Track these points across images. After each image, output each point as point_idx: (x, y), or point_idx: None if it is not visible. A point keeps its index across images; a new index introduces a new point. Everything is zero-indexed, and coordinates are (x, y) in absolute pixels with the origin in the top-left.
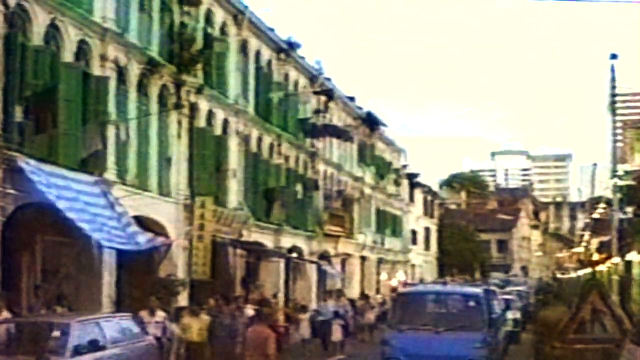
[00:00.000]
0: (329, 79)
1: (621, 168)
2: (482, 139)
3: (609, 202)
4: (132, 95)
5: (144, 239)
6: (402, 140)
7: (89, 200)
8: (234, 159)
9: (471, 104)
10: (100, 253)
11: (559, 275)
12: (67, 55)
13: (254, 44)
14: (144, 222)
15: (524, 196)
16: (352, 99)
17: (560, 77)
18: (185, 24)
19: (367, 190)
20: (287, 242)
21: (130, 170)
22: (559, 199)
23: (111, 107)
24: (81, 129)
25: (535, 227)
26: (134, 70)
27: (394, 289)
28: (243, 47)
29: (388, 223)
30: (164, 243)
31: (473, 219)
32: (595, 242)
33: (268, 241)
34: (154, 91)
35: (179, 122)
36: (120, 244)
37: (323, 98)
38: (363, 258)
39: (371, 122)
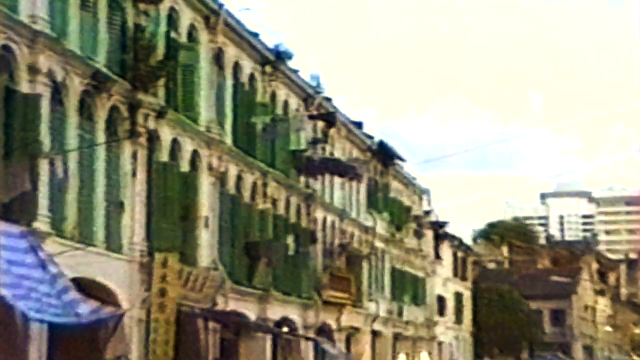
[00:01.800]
0: (329, 99)
1: None
2: (529, 176)
3: None
4: (72, 119)
5: (86, 309)
6: (426, 179)
7: (12, 257)
8: (206, 203)
9: (513, 130)
10: (27, 327)
11: (636, 358)
12: None
13: (231, 53)
14: (86, 287)
15: (586, 252)
16: (359, 124)
17: (634, 96)
18: (141, 27)
19: (380, 244)
20: (275, 312)
21: (68, 218)
22: (632, 256)
23: (44, 135)
24: (3, 163)
25: (601, 292)
26: (75, 87)
27: None
28: (217, 58)
29: (407, 287)
30: (112, 314)
31: (518, 282)
32: None
33: (250, 311)
34: (100, 115)
35: (134, 155)
36: (53, 315)
37: (322, 124)
38: (375, 333)
39: (385, 154)
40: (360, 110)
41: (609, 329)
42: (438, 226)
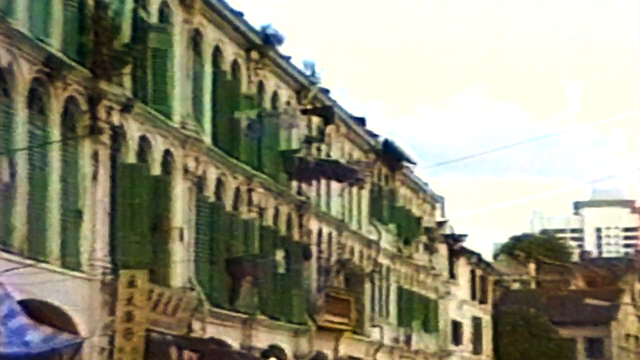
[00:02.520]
0: (326, 91)
1: None
2: (561, 182)
3: None
4: (21, 113)
5: (37, 336)
6: (439, 184)
7: None
8: (181, 212)
9: (543, 127)
10: None
11: None
12: None
13: (211, 36)
14: (38, 310)
15: (627, 270)
16: (362, 121)
17: None
18: (103, 3)
19: (385, 261)
20: (261, 340)
21: (17, 229)
22: None
23: None
24: None
25: None
26: (23, 75)
27: None
28: (194, 42)
29: (416, 311)
30: (69, 342)
31: (547, 306)
32: None
33: (232, 339)
34: (55, 107)
35: (95, 156)
36: None
37: (317, 120)
38: None
39: (391, 156)
40: (363, 105)
41: None
42: (453, 240)
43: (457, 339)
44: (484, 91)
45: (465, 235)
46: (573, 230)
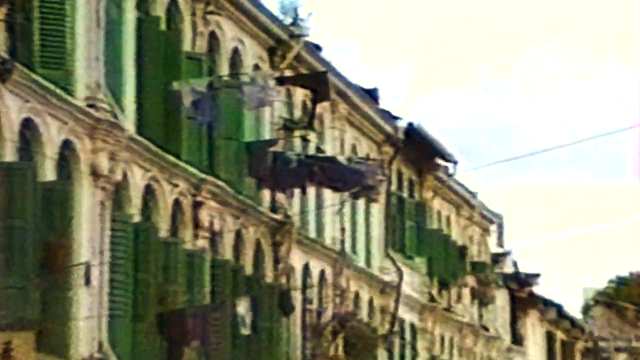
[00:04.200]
0: (317, 49)
1: None
2: None
3: None
4: None
5: None
6: (492, 192)
7: None
8: (87, 239)
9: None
10: None
11: None
12: None
13: None
14: None
15: None
16: (373, 95)
17: None
18: None
19: (408, 316)
20: None
21: None
22: None
23: None
24: None
25: None
26: None
27: None
28: None
29: None
30: None
31: None
32: None
33: None
34: None
35: None
36: None
37: (303, 93)
38: None
39: (419, 150)
40: (376, 70)
41: None
42: (519, 283)
43: None
44: (570, 45)
45: (537, 276)
46: None
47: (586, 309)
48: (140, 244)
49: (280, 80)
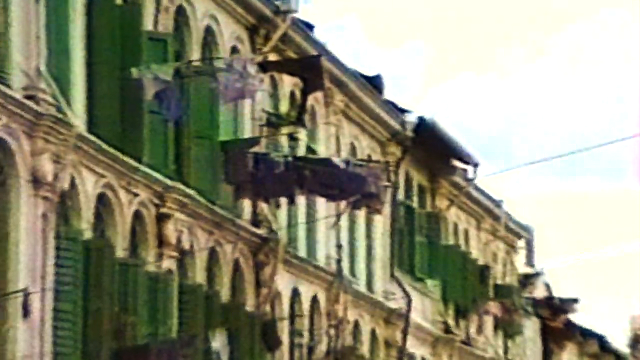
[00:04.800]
0: (308, 27)
1: None
2: None
3: None
4: None
5: None
6: (519, 197)
7: None
8: (25, 258)
9: None
10: None
11: None
12: None
13: None
14: None
15: None
16: (376, 84)
17: None
18: None
19: (420, 351)
20: None
21: None
22: None
23: None
24: None
25: None
26: None
27: None
28: None
29: None
30: None
31: None
32: None
33: None
34: None
35: None
36: None
37: (291, 81)
38: None
39: (432, 150)
40: (381, 54)
41: None
42: (552, 310)
43: None
44: (620, 21)
45: (574, 301)
46: None
47: (635, 341)
48: (92, 266)
49: (263, 67)
